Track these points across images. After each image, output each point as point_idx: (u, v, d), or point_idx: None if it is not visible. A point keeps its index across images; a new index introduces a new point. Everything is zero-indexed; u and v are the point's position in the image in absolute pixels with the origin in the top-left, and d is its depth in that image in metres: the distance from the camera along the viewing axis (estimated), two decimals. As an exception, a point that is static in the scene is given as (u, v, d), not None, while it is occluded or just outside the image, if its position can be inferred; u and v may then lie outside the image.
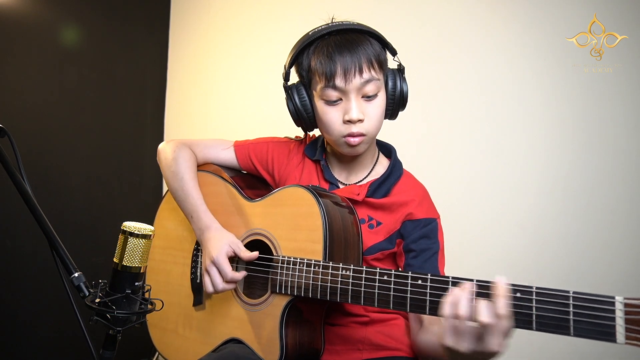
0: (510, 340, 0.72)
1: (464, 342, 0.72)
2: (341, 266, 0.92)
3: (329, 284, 0.93)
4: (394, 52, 1.09)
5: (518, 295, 0.71)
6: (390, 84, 1.07)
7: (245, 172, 1.31)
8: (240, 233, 1.14)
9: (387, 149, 1.20)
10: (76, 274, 0.77)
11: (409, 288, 0.83)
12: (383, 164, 1.17)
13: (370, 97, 1.03)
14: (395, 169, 1.13)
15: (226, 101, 2.38)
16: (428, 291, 0.80)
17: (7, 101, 1.97)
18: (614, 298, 0.65)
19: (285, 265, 1.01)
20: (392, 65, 1.11)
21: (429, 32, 1.75)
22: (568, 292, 0.68)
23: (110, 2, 2.34)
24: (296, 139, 1.28)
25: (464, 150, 1.66)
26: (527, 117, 1.55)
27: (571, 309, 0.67)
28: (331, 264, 0.94)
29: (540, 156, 1.52)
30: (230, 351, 1.06)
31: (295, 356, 1.02)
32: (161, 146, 1.27)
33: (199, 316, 1.20)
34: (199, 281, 1.20)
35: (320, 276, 0.95)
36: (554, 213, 1.48)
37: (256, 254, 1.07)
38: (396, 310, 0.85)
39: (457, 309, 0.72)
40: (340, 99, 1.04)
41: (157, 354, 1.29)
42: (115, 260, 0.76)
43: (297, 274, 0.99)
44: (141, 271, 0.77)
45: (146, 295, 0.79)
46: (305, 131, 1.18)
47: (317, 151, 1.19)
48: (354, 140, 1.04)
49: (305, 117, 1.11)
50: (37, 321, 2.02)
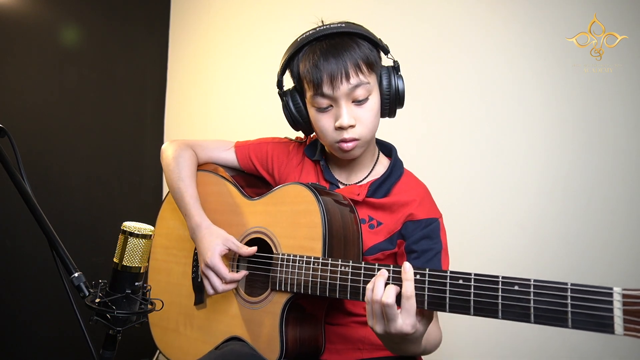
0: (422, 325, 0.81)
1: (378, 324, 0.81)
2: (340, 262, 0.92)
3: (328, 281, 0.94)
4: (385, 51, 1.07)
5: (516, 288, 0.72)
6: (384, 82, 1.06)
7: (247, 172, 1.31)
8: (240, 231, 1.14)
9: (387, 149, 1.20)
10: (76, 274, 0.77)
11: None
12: (383, 164, 1.16)
13: (361, 102, 1.02)
14: (396, 168, 1.13)
15: (226, 101, 2.38)
16: (426, 286, 0.80)
17: (7, 101, 1.97)
18: (612, 289, 0.65)
19: (285, 263, 1.01)
20: (389, 62, 1.10)
21: (429, 32, 1.75)
22: (566, 284, 0.68)
23: (110, 2, 2.34)
24: (296, 139, 1.28)
25: (464, 150, 1.66)
26: (527, 117, 1.55)
27: (569, 301, 0.67)
28: (330, 261, 0.94)
29: (540, 156, 1.52)
30: (231, 349, 1.06)
31: (295, 354, 1.02)
32: (164, 146, 1.29)
33: (200, 315, 1.20)
34: (200, 280, 1.20)
35: (319, 273, 0.95)
36: (554, 213, 1.48)
37: (254, 248, 1.08)
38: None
39: (371, 293, 0.82)
40: (331, 106, 1.03)
41: (157, 353, 1.29)
42: (115, 260, 0.76)
43: (296, 271, 0.99)
44: (141, 271, 0.77)
45: (146, 295, 0.79)
46: (305, 134, 1.19)
47: (317, 151, 1.19)
48: (347, 146, 1.04)
49: (301, 123, 1.12)
50: (37, 321, 2.02)
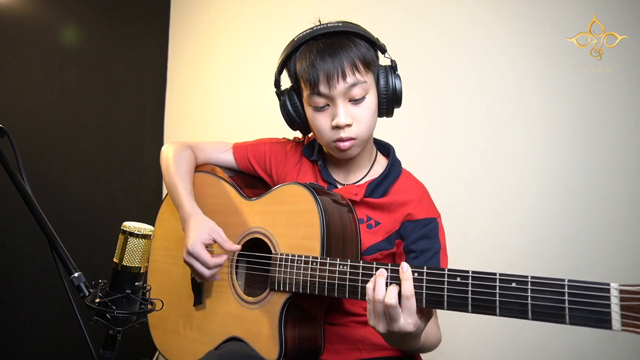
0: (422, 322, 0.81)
1: (380, 324, 0.81)
2: (338, 262, 0.92)
3: (326, 280, 0.94)
4: (382, 50, 1.07)
5: (514, 285, 0.72)
6: (382, 82, 1.05)
7: (245, 173, 1.32)
8: (239, 232, 1.14)
9: (385, 148, 1.20)
10: (76, 274, 0.77)
11: None
12: (381, 164, 1.16)
13: (358, 101, 1.02)
14: (394, 168, 1.13)
15: (226, 101, 2.38)
16: (424, 284, 0.80)
17: (7, 101, 1.97)
18: (609, 285, 0.65)
19: (283, 263, 1.01)
20: (387, 61, 1.09)
21: (429, 32, 1.75)
22: (563, 280, 0.68)
23: (110, 2, 2.34)
24: (294, 139, 1.28)
25: (464, 150, 1.66)
26: (527, 117, 1.55)
27: (566, 297, 0.67)
28: (328, 260, 0.94)
29: (540, 156, 1.52)
30: (230, 350, 1.06)
31: (295, 353, 1.02)
32: (164, 148, 1.29)
33: (199, 316, 1.20)
34: (198, 281, 1.20)
35: (317, 272, 0.95)
36: (554, 213, 1.48)
37: (239, 247, 1.08)
38: None
39: (372, 292, 0.81)
40: (328, 105, 1.03)
41: (157, 354, 1.29)
42: (115, 260, 0.76)
43: (294, 271, 0.99)
44: (141, 271, 0.77)
45: (146, 295, 0.79)
46: (303, 134, 1.19)
47: (314, 151, 1.19)
48: (343, 145, 1.04)
49: (299, 122, 1.13)
50: (37, 321, 2.02)
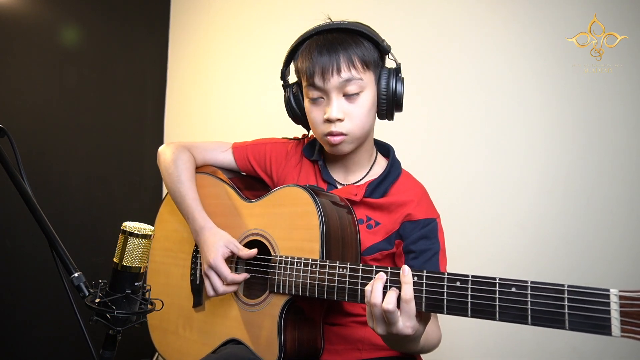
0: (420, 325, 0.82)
1: (378, 326, 0.82)
2: (338, 265, 0.92)
3: (326, 283, 0.94)
4: (385, 51, 1.07)
5: (513, 290, 0.72)
6: (382, 83, 1.06)
7: (245, 173, 1.31)
8: (238, 234, 1.14)
9: (385, 149, 1.20)
10: (76, 274, 0.77)
11: None
12: (381, 164, 1.16)
13: (352, 97, 1.03)
14: (394, 168, 1.13)
15: (226, 101, 2.38)
16: (424, 288, 0.80)
17: (7, 101, 1.97)
18: (608, 291, 0.65)
19: (283, 265, 1.01)
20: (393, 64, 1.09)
21: (429, 32, 1.75)
22: (563, 285, 0.68)
23: (110, 2, 2.34)
24: (294, 139, 1.28)
25: (464, 150, 1.66)
26: (527, 117, 1.55)
27: (566, 303, 0.67)
28: (328, 263, 0.94)
29: (540, 156, 1.52)
30: (229, 352, 1.05)
31: (294, 356, 1.01)
32: (161, 149, 1.28)
33: (199, 317, 1.20)
34: (198, 282, 1.20)
35: (317, 275, 0.95)
36: (554, 213, 1.48)
37: (255, 251, 1.08)
38: None
39: (370, 295, 0.82)
40: (322, 98, 1.05)
41: (157, 354, 1.29)
42: (115, 260, 0.76)
43: (294, 273, 0.99)
44: (141, 271, 0.77)
45: (146, 295, 0.79)
46: (305, 128, 1.19)
47: (315, 151, 1.19)
48: (334, 140, 1.05)
49: (299, 116, 1.15)
50: (37, 321, 2.02)
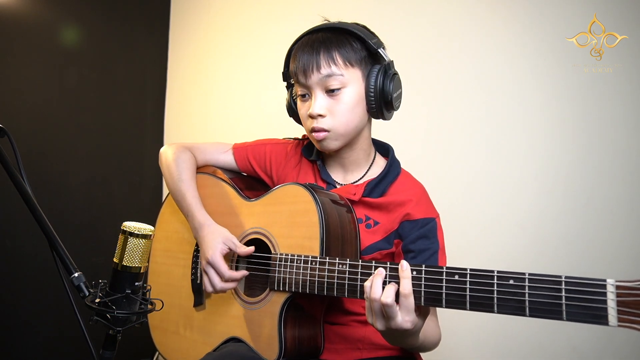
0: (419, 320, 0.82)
1: (378, 321, 0.82)
2: (337, 261, 0.93)
3: (325, 279, 0.94)
4: (373, 48, 1.06)
5: (511, 282, 0.72)
6: (371, 80, 1.05)
7: (245, 174, 1.32)
8: (239, 232, 1.14)
9: (384, 149, 1.20)
10: (76, 274, 0.77)
11: None
12: (380, 164, 1.17)
13: (334, 93, 1.05)
14: (393, 168, 1.13)
15: (226, 101, 2.38)
16: (423, 282, 0.80)
17: (7, 101, 1.97)
18: (605, 281, 0.65)
19: (283, 263, 1.01)
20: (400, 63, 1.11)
21: (429, 32, 1.75)
22: (560, 276, 0.69)
23: (110, 2, 2.34)
24: (294, 139, 1.28)
25: (464, 150, 1.66)
26: (527, 117, 1.55)
27: (563, 294, 0.68)
28: (327, 259, 0.94)
29: (540, 156, 1.52)
30: (229, 350, 1.06)
31: (294, 354, 1.02)
32: (162, 149, 1.29)
33: (199, 316, 1.20)
34: (199, 282, 1.20)
35: (317, 272, 0.95)
36: (554, 213, 1.48)
37: (252, 248, 1.08)
38: None
39: (369, 290, 0.82)
40: (308, 94, 1.08)
41: (157, 354, 1.29)
42: (115, 260, 0.76)
43: (294, 270, 0.99)
44: (141, 271, 0.77)
45: (146, 295, 0.79)
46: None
47: (313, 151, 1.20)
48: (317, 135, 1.07)
49: (297, 115, 1.17)
50: (37, 321, 2.02)
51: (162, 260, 1.33)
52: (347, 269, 0.91)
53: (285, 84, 1.20)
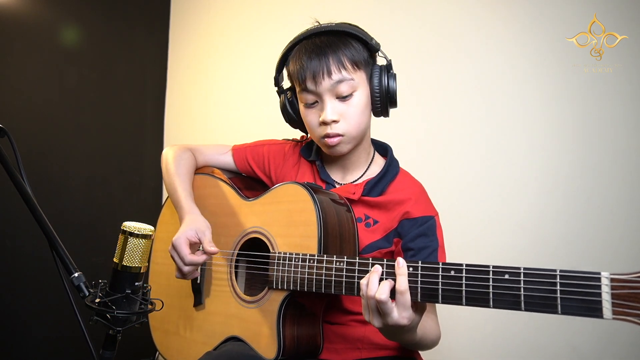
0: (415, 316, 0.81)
1: (375, 319, 0.82)
2: (335, 259, 0.93)
3: (323, 277, 0.94)
4: (374, 49, 1.08)
5: (507, 277, 0.73)
6: (375, 81, 1.07)
7: (244, 175, 1.32)
8: (238, 232, 1.14)
9: (383, 148, 1.20)
10: (76, 274, 0.77)
11: None
12: (379, 163, 1.17)
13: (345, 98, 1.04)
14: (392, 167, 1.13)
15: (226, 101, 2.38)
16: (419, 278, 0.80)
17: (7, 101, 1.98)
18: (599, 274, 0.66)
19: (281, 262, 1.01)
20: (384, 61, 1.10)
21: (429, 32, 1.75)
22: (555, 270, 0.69)
23: (110, 2, 2.34)
24: (293, 140, 1.28)
25: (464, 150, 1.66)
26: (527, 117, 1.55)
27: (558, 287, 0.68)
28: (325, 257, 0.95)
29: (540, 156, 1.52)
30: (228, 349, 1.06)
31: (293, 352, 1.02)
32: (165, 150, 1.31)
33: (199, 316, 1.20)
34: (199, 282, 1.20)
35: (315, 270, 0.96)
36: (554, 213, 1.48)
37: (216, 249, 1.06)
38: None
39: (366, 288, 0.82)
40: (317, 101, 1.06)
41: (157, 354, 1.29)
42: (115, 260, 0.76)
43: (292, 269, 0.99)
44: (141, 271, 0.77)
45: (146, 295, 0.79)
46: (302, 131, 1.20)
47: (312, 152, 1.20)
48: (331, 141, 1.05)
49: (296, 120, 1.16)
50: (37, 321, 2.02)
51: (163, 262, 1.33)
52: (345, 266, 0.91)
53: (276, 89, 1.17)
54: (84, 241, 2.17)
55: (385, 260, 0.85)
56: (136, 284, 0.77)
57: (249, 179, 1.30)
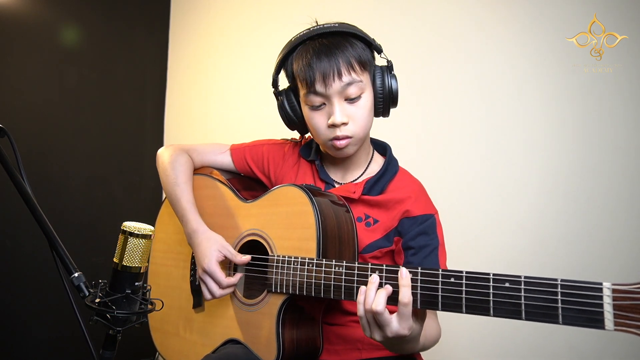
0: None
1: (375, 333, 0.80)
2: (334, 263, 0.92)
3: (322, 281, 0.94)
4: (379, 50, 1.08)
5: (507, 285, 0.72)
6: (378, 81, 1.06)
7: (243, 175, 1.31)
8: (236, 234, 1.14)
9: (382, 147, 1.20)
10: (76, 274, 0.77)
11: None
12: (378, 162, 1.17)
13: (354, 100, 1.03)
14: (391, 166, 1.13)
15: (226, 101, 2.38)
16: (419, 285, 0.80)
17: (7, 101, 1.98)
18: (601, 284, 0.65)
19: (280, 265, 1.01)
20: (383, 61, 1.10)
21: (429, 32, 1.75)
22: (556, 280, 0.68)
23: (110, 2, 2.34)
24: (292, 140, 1.28)
25: (464, 150, 1.66)
26: (527, 117, 1.55)
27: (559, 297, 0.67)
28: (324, 261, 0.94)
29: (540, 156, 1.52)
30: (227, 352, 1.06)
31: (293, 355, 1.02)
32: (160, 151, 1.28)
33: (199, 318, 1.20)
34: (198, 283, 1.20)
35: (314, 274, 0.95)
36: (554, 213, 1.48)
37: (248, 257, 1.08)
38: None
39: (362, 306, 0.80)
40: (324, 104, 1.04)
41: (157, 354, 1.29)
42: (115, 260, 0.76)
43: (291, 272, 0.99)
44: (141, 271, 0.77)
45: (146, 295, 0.79)
46: (300, 134, 1.19)
47: (312, 152, 1.20)
48: (340, 144, 1.04)
49: (296, 122, 1.14)
50: (37, 321, 2.02)
51: (162, 262, 1.33)
52: (344, 270, 0.91)
53: (273, 90, 1.15)
54: (84, 241, 2.17)
55: (384, 265, 0.84)
56: (136, 284, 0.77)
57: (247, 180, 1.30)
